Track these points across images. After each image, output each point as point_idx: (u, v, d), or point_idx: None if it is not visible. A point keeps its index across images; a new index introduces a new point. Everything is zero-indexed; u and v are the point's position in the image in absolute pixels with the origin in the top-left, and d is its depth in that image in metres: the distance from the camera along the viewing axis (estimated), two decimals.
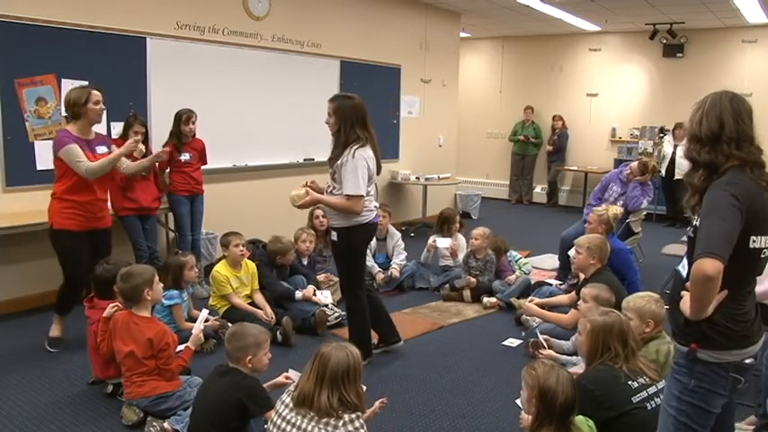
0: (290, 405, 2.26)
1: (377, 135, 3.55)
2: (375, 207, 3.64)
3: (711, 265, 1.66)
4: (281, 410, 2.29)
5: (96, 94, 3.69)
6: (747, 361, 1.89)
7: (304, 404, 2.21)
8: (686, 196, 1.96)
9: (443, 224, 5.61)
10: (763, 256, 1.86)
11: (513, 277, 5.13)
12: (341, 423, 2.18)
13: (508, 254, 5.40)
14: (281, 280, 4.62)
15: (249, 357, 2.60)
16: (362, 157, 3.39)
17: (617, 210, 4.76)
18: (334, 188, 3.50)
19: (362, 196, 3.41)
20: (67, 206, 3.67)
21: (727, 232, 1.72)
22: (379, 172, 3.59)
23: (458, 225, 5.62)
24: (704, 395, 1.88)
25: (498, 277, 5.22)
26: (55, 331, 3.93)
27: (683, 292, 1.85)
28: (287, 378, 2.86)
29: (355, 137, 3.42)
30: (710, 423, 1.92)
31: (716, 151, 1.85)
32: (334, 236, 3.59)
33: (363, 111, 3.47)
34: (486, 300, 4.96)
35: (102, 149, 3.80)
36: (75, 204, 3.68)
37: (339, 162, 3.41)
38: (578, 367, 3.21)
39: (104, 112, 3.79)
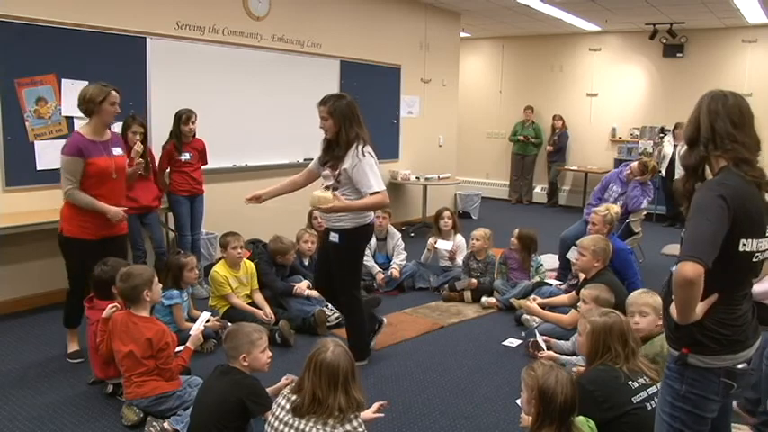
0: (287, 407, 2.26)
1: (370, 133, 3.52)
2: None
3: (692, 269, 1.64)
4: (277, 413, 2.29)
5: (115, 96, 3.55)
6: (740, 366, 1.83)
7: (315, 411, 2.20)
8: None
9: (435, 222, 5.60)
10: (755, 259, 1.81)
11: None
12: (339, 423, 2.19)
13: (533, 257, 5.14)
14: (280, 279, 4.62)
15: (243, 356, 2.61)
16: (370, 154, 3.41)
17: (617, 208, 4.79)
18: (336, 189, 3.48)
19: (383, 191, 3.44)
20: (79, 213, 3.51)
21: (710, 234, 1.69)
22: None
23: (449, 221, 5.52)
24: (696, 401, 1.84)
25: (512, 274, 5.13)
26: (72, 345, 3.79)
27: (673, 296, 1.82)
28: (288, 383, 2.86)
29: (355, 135, 3.41)
30: (706, 427, 1.89)
31: (693, 154, 1.86)
32: (334, 237, 3.53)
33: (357, 108, 3.46)
34: (484, 299, 4.95)
35: (117, 151, 3.66)
36: (88, 212, 3.52)
37: (348, 165, 3.39)
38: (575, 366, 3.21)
39: (117, 114, 3.64)
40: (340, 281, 3.68)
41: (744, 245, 1.77)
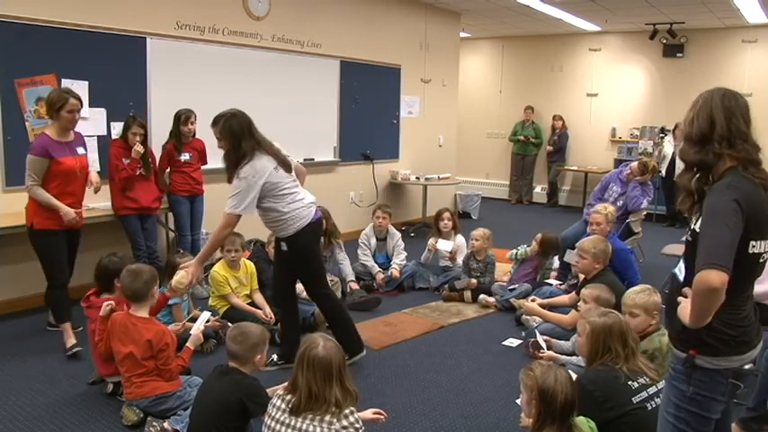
0: (282, 407, 2.26)
1: (264, 139, 3.42)
2: (311, 204, 3.54)
3: (717, 277, 1.62)
4: (273, 413, 2.29)
5: (73, 103, 3.70)
6: (746, 366, 1.84)
7: (311, 408, 2.21)
8: (680, 198, 1.92)
9: (435, 223, 5.60)
10: (762, 260, 1.82)
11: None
12: (336, 419, 2.19)
13: (548, 260, 5.15)
14: None
15: (258, 356, 2.63)
16: (246, 174, 3.29)
17: (612, 208, 4.81)
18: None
19: (237, 215, 3.33)
20: (45, 205, 3.72)
21: (730, 240, 1.68)
22: (288, 169, 3.47)
23: (449, 222, 5.50)
24: (703, 402, 1.84)
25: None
26: (70, 339, 3.83)
27: (680, 298, 1.82)
28: None
29: (244, 151, 3.33)
30: (710, 429, 1.89)
31: (706, 151, 1.80)
32: (284, 246, 3.51)
33: (247, 121, 3.38)
34: (482, 297, 4.94)
35: (81, 150, 3.89)
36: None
37: None
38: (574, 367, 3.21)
39: (77, 122, 3.79)
40: (307, 285, 3.72)
41: (753, 246, 1.76)
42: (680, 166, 7.52)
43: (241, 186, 3.30)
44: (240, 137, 3.33)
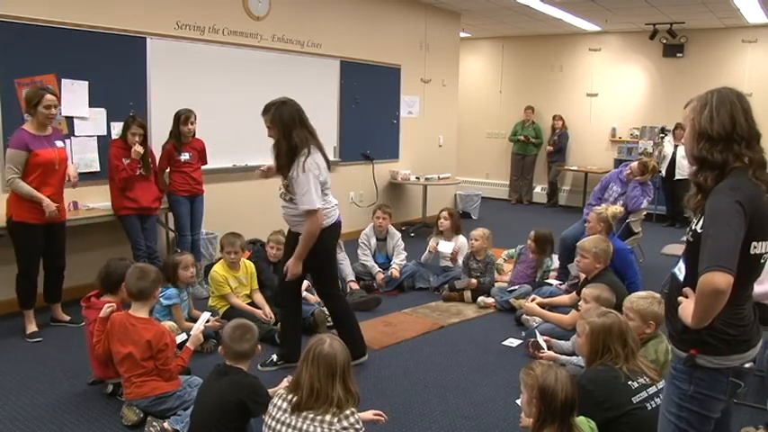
0: (284, 407, 2.26)
1: (315, 130, 3.45)
2: (336, 206, 3.57)
3: (722, 279, 1.61)
4: (274, 413, 2.29)
5: (49, 99, 3.86)
6: (747, 365, 1.84)
7: (312, 406, 2.21)
8: (688, 195, 1.91)
9: (437, 224, 5.59)
10: (762, 261, 1.82)
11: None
12: (336, 420, 2.19)
13: (546, 261, 5.15)
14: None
15: (259, 347, 2.71)
16: (311, 168, 3.29)
17: (616, 209, 4.76)
18: (287, 195, 3.45)
19: (318, 209, 3.33)
20: (26, 199, 3.85)
21: (734, 242, 1.67)
22: (330, 167, 3.50)
23: (444, 222, 5.49)
24: (704, 401, 1.84)
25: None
26: (31, 326, 4.11)
27: (681, 298, 1.82)
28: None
29: (298, 141, 3.31)
30: (710, 428, 1.89)
31: (728, 150, 1.78)
32: None
33: (299, 111, 3.38)
34: (480, 298, 4.94)
35: (59, 143, 4.03)
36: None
37: (291, 174, 3.34)
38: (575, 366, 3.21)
39: (55, 117, 3.99)
40: (319, 284, 3.71)
41: (755, 247, 1.76)
42: (680, 165, 7.49)
43: (309, 180, 3.28)
44: (291, 126, 3.32)
